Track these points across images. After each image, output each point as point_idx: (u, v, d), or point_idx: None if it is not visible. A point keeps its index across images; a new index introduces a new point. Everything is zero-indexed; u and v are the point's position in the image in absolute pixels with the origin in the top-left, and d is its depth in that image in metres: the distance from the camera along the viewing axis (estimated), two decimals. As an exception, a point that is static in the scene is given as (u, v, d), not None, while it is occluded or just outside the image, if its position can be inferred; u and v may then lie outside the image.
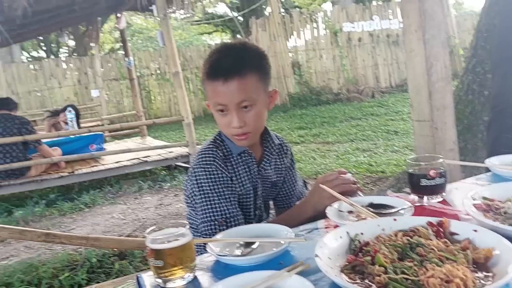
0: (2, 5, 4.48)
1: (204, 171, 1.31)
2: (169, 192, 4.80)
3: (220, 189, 1.30)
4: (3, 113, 4.93)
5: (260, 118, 1.31)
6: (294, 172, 1.58)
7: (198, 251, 1.01)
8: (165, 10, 5.06)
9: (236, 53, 1.29)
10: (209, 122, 10.84)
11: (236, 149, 1.37)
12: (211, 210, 1.29)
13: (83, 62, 12.11)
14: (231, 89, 1.23)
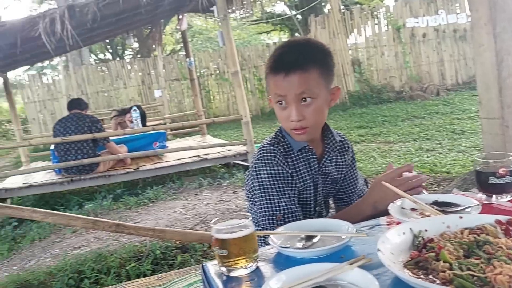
0: (74, 11, 4.77)
1: (265, 166, 1.34)
2: (228, 189, 4.89)
3: (280, 184, 1.32)
4: (75, 113, 5.27)
5: (320, 113, 1.31)
6: (355, 170, 1.57)
7: (259, 244, 1.04)
8: (225, 11, 5.16)
9: (299, 48, 1.31)
10: (267, 121, 10.91)
11: (296, 145, 1.38)
12: (270, 205, 1.32)
13: (146, 63, 12.61)
14: (292, 81, 1.26)
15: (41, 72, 13.91)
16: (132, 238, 3.55)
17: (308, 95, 1.27)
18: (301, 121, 1.28)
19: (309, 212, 1.43)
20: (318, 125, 1.36)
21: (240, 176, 5.14)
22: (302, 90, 1.26)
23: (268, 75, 1.33)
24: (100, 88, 12.14)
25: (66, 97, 11.10)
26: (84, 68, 12.41)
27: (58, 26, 4.52)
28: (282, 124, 1.36)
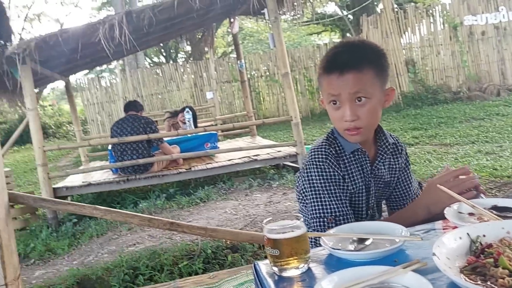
0: (131, 16, 4.97)
1: (316, 168, 1.33)
2: (278, 190, 4.91)
3: (331, 187, 1.31)
4: (131, 114, 5.49)
5: (374, 114, 1.29)
6: (409, 173, 1.53)
7: (310, 245, 1.05)
8: (276, 13, 5.18)
9: (353, 48, 1.31)
10: (317, 122, 10.82)
11: (349, 146, 1.36)
12: (321, 207, 1.31)
13: (198, 66, 12.90)
14: (346, 80, 1.25)
15: (99, 76, 14.60)
16: (184, 236, 3.65)
17: (363, 94, 1.25)
18: (355, 121, 1.26)
19: (361, 215, 1.42)
20: (371, 126, 1.34)
21: (290, 178, 5.14)
22: (357, 89, 1.25)
23: (322, 76, 1.33)
24: (155, 90, 12.56)
25: (123, 99, 11.58)
26: (140, 71, 12.89)
27: (117, 32, 4.73)
28: (335, 124, 1.35)
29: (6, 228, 1.77)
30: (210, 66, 12.27)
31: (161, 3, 5.12)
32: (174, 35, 8.15)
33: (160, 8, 4.97)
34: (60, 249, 3.96)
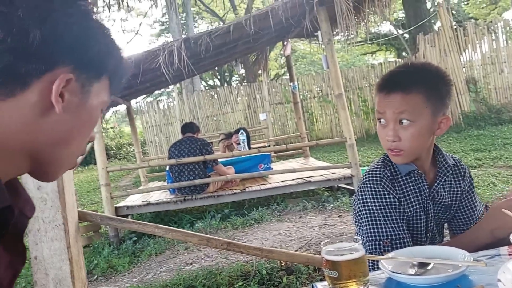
0: (189, 42, 5.19)
1: (371, 191, 1.33)
2: (333, 213, 4.84)
3: (387, 210, 1.30)
4: (188, 136, 5.66)
5: (418, 139, 1.28)
6: (473, 196, 1.48)
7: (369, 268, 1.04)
8: (330, 35, 5.21)
9: (410, 70, 1.33)
10: (372, 143, 10.61)
11: (404, 168, 1.35)
12: (376, 230, 1.30)
13: (252, 88, 13.14)
14: (392, 100, 1.27)
15: (157, 99, 15.23)
16: (239, 257, 3.68)
17: (406, 117, 1.25)
18: (396, 142, 1.27)
19: (420, 239, 1.38)
20: (414, 150, 1.31)
21: (345, 200, 5.06)
22: (401, 110, 1.26)
23: (375, 95, 1.37)
24: (210, 112, 12.91)
25: (180, 122, 12.00)
26: (196, 94, 13.32)
27: (176, 57, 4.95)
28: (381, 142, 1.36)
29: (76, 244, 1.89)
30: (263, 88, 12.45)
31: (217, 29, 5.31)
32: (229, 59, 8.39)
33: (216, 34, 5.16)
34: (121, 266, 4.12)
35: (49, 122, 0.66)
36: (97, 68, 0.70)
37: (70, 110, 0.67)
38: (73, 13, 0.66)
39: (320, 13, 5.16)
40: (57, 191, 2.00)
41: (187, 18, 17.79)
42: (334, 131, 12.49)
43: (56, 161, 0.71)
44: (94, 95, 0.71)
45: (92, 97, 0.70)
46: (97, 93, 0.71)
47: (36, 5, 0.62)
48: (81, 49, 0.68)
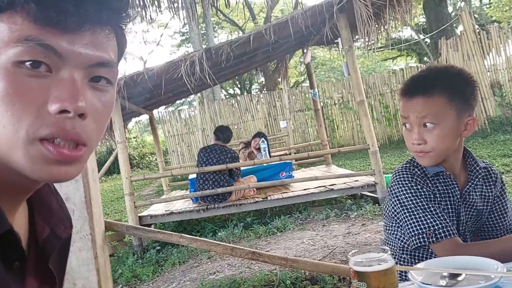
0: (210, 53, 5.24)
1: (403, 186, 1.33)
2: (356, 221, 4.78)
3: (423, 202, 1.30)
4: (220, 145, 5.63)
5: (443, 140, 1.28)
6: (505, 203, 1.45)
7: (399, 279, 1.02)
8: (350, 42, 5.19)
9: (432, 74, 1.33)
10: (395, 150, 10.47)
11: (431, 169, 1.36)
12: (417, 224, 1.28)
13: (272, 96, 13.15)
14: (415, 104, 1.28)
15: (179, 109, 15.39)
16: (263, 266, 3.66)
17: (430, 120, 1.26)
18: (421, 145, 1.28)
19: None
20: (441, 152, 1.31)
21: (369, 208, 4.99)
22: (424, 114, 1.27)
23: (399, 100, 1.38)
24: (231, 121, 12.96)
25: (201, 131, 12.08)
26: (217, 103, 13.41)
27: (197, 67, 5.00)
28: (407, 146, 1.37)
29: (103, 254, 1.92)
30: (283, 95, 12.45)
31: (238, 38, 5.35)
32: (249, 68, 8.43)
33: (236, 44, 5.19)
34: (145, 276, 4.14)
35: None
36: None
37: None
38: None
39: (340, 20, 5.15)
40: (84, 202, 2.03)
41: (207, 28, 17.99)
42: (356, 138, 12.38)
43: (9, 162, 0.53)
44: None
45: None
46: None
47: None
48: None
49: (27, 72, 0.51)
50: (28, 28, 0.51)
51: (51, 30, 0.51)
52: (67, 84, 0.53)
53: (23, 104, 0.50)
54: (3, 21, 0.51)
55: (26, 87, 0.51)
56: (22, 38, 0.50)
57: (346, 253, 3.69)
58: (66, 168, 0.55)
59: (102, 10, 0.54)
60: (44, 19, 0.51)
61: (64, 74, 0.53)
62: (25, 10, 0.51)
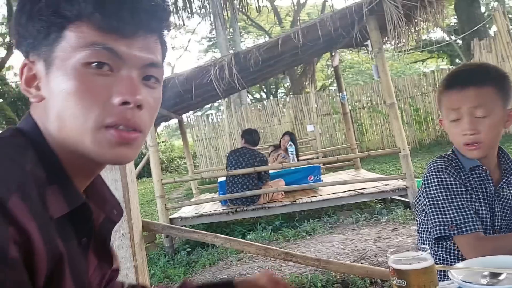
0: (239, 57, 5.29)
1: (435, 177, 1.34)
2: (387, 225, 4.72)
3: (452, 195, 1.31)
4: (249, 148, 5.67)
5: (494, 131, 1.29)
6: None
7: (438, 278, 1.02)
8: (380, 44, 5.15)
9: (474, 67, 1.37)
10: (426, 154, 10.28)
11: (468, 163, 1.36)
12: (441, 216, 1.30)
13: (299, 100, 13.13)
14: (467, 95, 1.28)
15: (207, 113, 15.57)
16: (293, 269, 3.66)
17: (483, 110, 1.27)
18: (474, 135, 1.28)
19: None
20: (491, 142, 1.32)
21: (400, 213, 4.92)
22: (477, 104, 1.27)
23: (442, 93, 1.37)
24: (257, 125, 12.99)
25: (228, 135, 12.17)
26: (243, 108, 13.48)
27: (226, 72, 5.06)
28: (455, 141, 1.37)
29: (140, 252, 1.97)
30: (310, 99, 12.40)
31: (266, 42, 5.38)
32: (276, 72, 8.46)
33: (265, 48, 5.23)
34: (177, 277, 4.20)
35: (47, 114, 0.63)
36: (48, 33, 0.61)
37: (46, 90, 0.63)
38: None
39: (370, 22, 5.11)
40: (123, 201, 2.10)
41: (234, 33, 18.14)
42: (385, 142, 12.21)
43: (79, 146, 0.62)
44: (63, 56, 0.61)
45: (62, 61, 0.61)
46: (67, 51, 0.61)
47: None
48: (22, 26, 0.63)
49: (93, 71, 0.61)
50: (93, 35, 0.60)
51: (112, 36, 0.61)
52: (126, 81, 0.63)
53: (91, 98, 0.60)
54: (72, 30, 0.61)
55: (93, 84, 0.61)
56: (89, 43, 0.60)
57: (378, 257, 3.66)
58: (126, 150, 0.64)
59: (152, 20, 0.65)
60: (106, 27, 0.61)
61: (124, 73, 0.63)
62: (90, 20, 0.60)
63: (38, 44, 0.62)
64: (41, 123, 0.64)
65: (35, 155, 0.60)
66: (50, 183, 0.59)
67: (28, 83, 0.64)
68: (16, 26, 0.63)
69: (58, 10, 0.60)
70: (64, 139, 0.62)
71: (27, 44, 0.63)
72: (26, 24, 0.62)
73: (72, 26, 0.60)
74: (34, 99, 0.63)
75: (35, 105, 0.65)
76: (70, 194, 0.62)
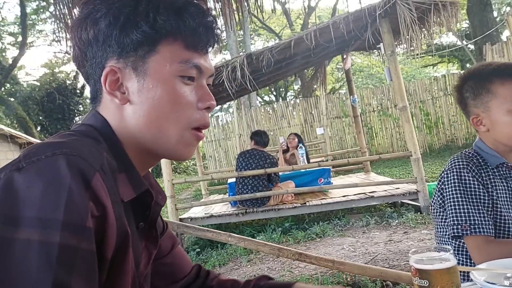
0: (251, 58, 5.30)
1: (456, 174, 1.33)
2: (398, 229, 4.69)
3: (469, 195, 1.30)
4: (258, 150, 5.65)
5: None
6: None
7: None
8: (393, 47, 5.13)
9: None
10: (436, 159, 10.22)
11: (493, 160, 1.35)
12: (457, 214, 1.30)
13: (308, 102, 13.11)
14: None
15: (216, 115, 15.60)
16: (303, 271, 3.65)
17: None
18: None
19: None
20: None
21: (411, 217, 4.88)
22: None
23: (494, 85, 1.31)
24: (267, 127, 13.00)
25: (238, 137, 12.18)
26: (253, 110, 13.49)
27: (238, 73, 5.07)
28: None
29: (154, 251, 1.98)
30: (320, 102, 12.38)
31: (278, 44, 5.39)
32: (288, 74, 8.46)
33: (278, 49, 5.23)
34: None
35: (127, 114, 0.71)
36: (141, 46, 0.69)
37: (135, 95, 0.70)
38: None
39: (383, 25, 5.10)
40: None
41: (244, 36, 18.16)
42: (395, 146, 12.15)
43: (160, 144, 0.72)
44: (158, 68, 0.70)
45: (156, 72, 0.70)
46: (161, 64, 0.70)
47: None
48: (112, 37, 0.69)
49: (183, 81, 0.72)
50: (183, 52, 0.71)
51: (196, 53, 0.73)
52: (205, 89, 0.75)
53: (182, 104, 0.71)
54: (164, 46, 0.70)
55: (183, 92, 0.72)
56: (182, 60, 0.71)
57: (389, 260, 3.63)
58: (194, 149, 0.76)
59: (216, 37, 0.76)
60: (191, 45, 0.72)
61: (201, 82, 0.75)
62: (179, 38, 0.71)
63: (126, 53, 0.70)
64: (114, 121, 0.72)
65: (106, 147, 0.69)
66: (119, 171, 0.67)
67: (111, 87, 0.70)
68: (100, 35, 0.69)
69: (155, 25, 0.69)
70: (144, 136, 0.71)
71: (112, 51, 0.70)
72: (118, 35, 0.69)
73: (164, 41, 0.70)
74: (120, 101, 0.71)
75: (106, 105, 0.73)
76: (136, 182, 0.70)
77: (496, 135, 1.33)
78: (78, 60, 0.74)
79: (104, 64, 0.70)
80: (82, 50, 0.72)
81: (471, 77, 1.37)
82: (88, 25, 0.70)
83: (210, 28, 0.74)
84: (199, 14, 0.72)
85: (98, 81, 0.72)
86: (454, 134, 11.78)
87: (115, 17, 0.68)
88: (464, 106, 1.41)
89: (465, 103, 1.39)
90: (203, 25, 0.72)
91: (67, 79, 19.67)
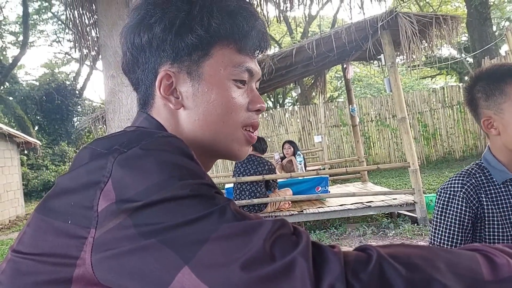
0: (253, 66, 5.32)
1: (443, 197, 1.32)
2: (394, 239, 4.70)
3: (452, 221, 1.29)
4: (256, 156, 5.63)
5: None
6: None
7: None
8: (393, 58, 5.17)
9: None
10: (433, 170, 10.25)
11: (500, 176, 1.30)
12: (434, 236, 1.32)
13: (307, 110, 13.14)
14: None
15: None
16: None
17: None
18: None
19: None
20: None
21: (408, 228, 4.89)
22: None
23: (509, 87, 1.24)
24: (264, 134, 13.01)
25: (236, 142, 12.16)
26: (252, 116, 13.50)
27: (239, 79, 5.08)
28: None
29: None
30: (319, 110, 12.42)
31: (280, 52, 5.42)
32: (288, 82, 8.50)
33: (279, 57, 5.27)
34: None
35: (182, 119, 0.72)
36: (195, 50, 0.69)
37: (190, 99, 0.71)
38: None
39: (384, 36, 5.15)
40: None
41: (245, 42, 18.20)
42: (392, 156, 12.19)
43: (216, 145, 0.73)
44: (212, 72, 0.70)
45: (210, 76, 0.70)
46: (215, 68, 0.70)
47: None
48: (167, 41, 0.69)
49: (236, 85, 0.73)
50: (235, 56, 0.72)
51: (248, 57, 0.73)
52: (255, 92, 0.76)
53: (236, 106, 0.72)
54: (217, 50, 0.71)
55: (237, 95, 0.73)
56: (236, 64, 0.71)
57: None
58: (248, 148, 0.77)
59: (266, 42, 0.77)
60: (243, 50, 0.72)
61: (251, 85, 0.76)
62: (232, 42, 0.71)
63: (180, 58, 0.70)
64: (169, 126, 0.72)
65: None
66: None
67: (166, 91, 0.71)
68: (155, 40, 0.69)
69: (209, 29, 0.69)
70: (201, 140, 0.72)
71: (166, 56, 0.70)
72: (173, 39, 0.69)
73: (218, 45, 0.70)
74: (174, 106, 0.71)
75: (159, 111, 0.73)
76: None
77: (506, 140, 1.27)
78: (129, 66, 0.75)
79: (157, 69, 0.71)
80: (134, 56, 0.72)
81: (483, 77, 1.30)
82: (141, 30, 0.69)
83: (261, 32, 0.75)
84: (251, 17, 0.72)
85: (150, 87, 0.72)
86: (451, 146, 11.84)
87: (171, 21, 0.68)
88: (475, 107, 1.33)
89: (476, 104, 1.32)
90: (255, 29, 0.73)
91: (66, 80, 19.65)
